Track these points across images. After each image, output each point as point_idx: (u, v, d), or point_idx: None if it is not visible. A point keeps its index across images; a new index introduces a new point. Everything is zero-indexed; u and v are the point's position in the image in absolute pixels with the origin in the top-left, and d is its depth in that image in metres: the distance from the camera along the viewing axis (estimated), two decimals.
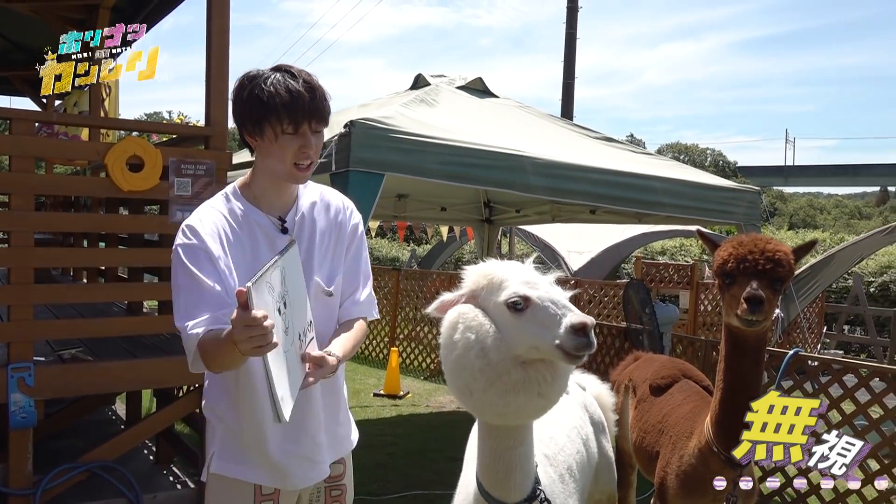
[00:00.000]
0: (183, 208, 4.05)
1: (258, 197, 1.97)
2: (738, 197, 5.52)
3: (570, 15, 18.37)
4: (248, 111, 1.87)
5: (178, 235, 1.89)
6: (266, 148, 1.89)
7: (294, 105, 1.84)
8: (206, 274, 1.81)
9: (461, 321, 1.75)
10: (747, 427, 2.57)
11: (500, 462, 1.83)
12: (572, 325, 1.62)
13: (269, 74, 1.87)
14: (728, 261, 2.47)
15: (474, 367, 1.69)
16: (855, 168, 59.58)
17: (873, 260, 12.86)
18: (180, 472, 4.78)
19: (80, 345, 4.41)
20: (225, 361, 1.75)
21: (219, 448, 2.01)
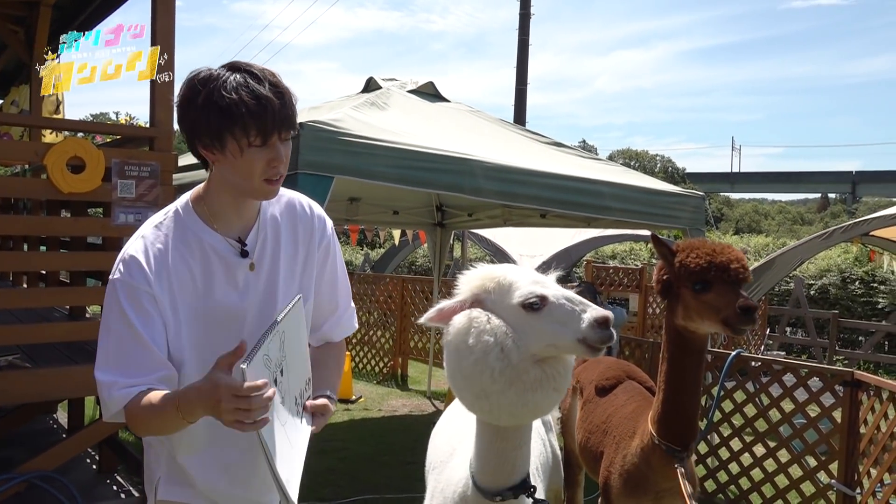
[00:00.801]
0: (126, 210, 3.98)
1: (214, 215, 1.70)
2: (683, 202, 5.64)
3: (523, 21, 18.58)
4: (206, 121, 1.56)
5: (118, 266, 1.63)
6: (228, 163, 1.60)
7: (262, 114, 1.55)
8: (146, 326, 1.59)
9: (475, 325, 1.73)
10: (691, 423, 2.66)
11: (506, 462, 1.83)
12: (595, 319, 1.66)
13: (226, 76, 1.57)
14: (708, 269, 2.49)
15: (494, 370, 1.68)
16: (798, 175, 61.59)
17: (813, 264, 13.29)
18: (124, 481, 4.67)
19: (18, 351, 4.28)
20: (161, 428, 1.58)
21: (165, 473, 1.80)
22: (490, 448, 1.84)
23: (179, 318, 1.65)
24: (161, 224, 1.70)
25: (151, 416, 1.54)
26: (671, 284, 2.64)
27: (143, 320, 1.59)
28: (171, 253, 1.66)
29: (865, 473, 4.22)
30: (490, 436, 1.83)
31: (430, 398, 8.51)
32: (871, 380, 4.29)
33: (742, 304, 2.42)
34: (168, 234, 1.68)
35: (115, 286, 1.62)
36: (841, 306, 12.45)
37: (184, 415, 1.50)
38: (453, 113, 6.02)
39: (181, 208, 1.72)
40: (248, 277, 1.72)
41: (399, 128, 4.71)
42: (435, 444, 2.43)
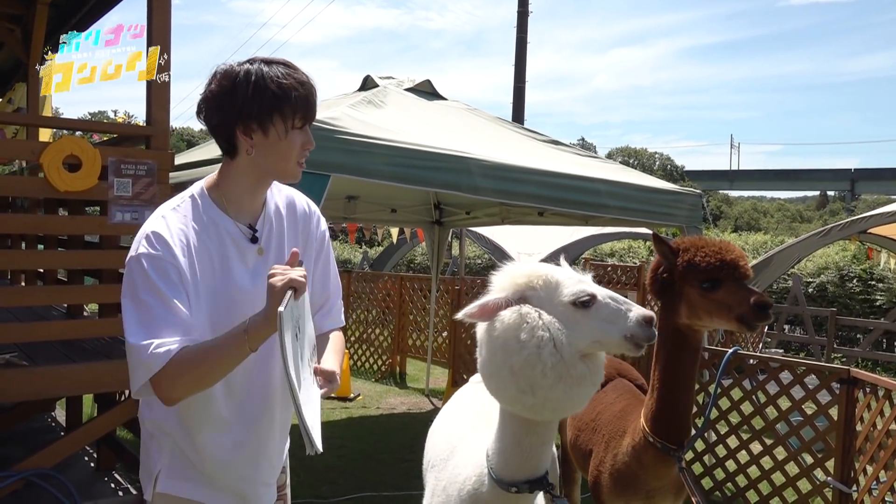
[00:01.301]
0: (123, 209, 3.98)
1: (229, 202, 1.80)
2: (680, 199, 5.65)
3: (521, 19, 18.58)
4: (257, 106, 1.70)
5: (140, 242, 1.68)
6: (269, 145, 1.74)
7: (307, 99, 1.75)
8: (175, 294, 1.65)
9: (527, 321, 1.75)
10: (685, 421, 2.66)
11: (532, 457, 1.85)
12: (643, 317, 1.75)
13: (265, 67, 1.73)
14: (720, 267, 2.50)
15: (546, 364, 1.71)
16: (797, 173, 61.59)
17: (811, 261, 13.31)
18: (122, 479, 4.68)
19: (16, 349, 4.28)
20: (211, 371, 1.64)
21: (167, 465, 1.83)
22: (517, 444, 1.85)
23: (200, 294, 1.72)
24: (179, 206, 1.78)
25: (206, 358, 1.62)
26: (671, 283, 2.63)
27: (172, 290, 1.65)
28: (191, 232, 1.73)
29: (861, 471, 4.23)
30: (520, 431, 1.84)
31: (428, 396, 8.52)
32: (867, 377, 4.30)
33: (758, 300, 2.43)
34: (187, 215, 1.76)
35: (140, 260, 1.66)
36: (839, 304, 12.47)
37: (251, 340, 1.59)
38: (450, 111, 6.03)
39: (197, 194, 1.81)
40: (257, 261, 1.83)
41: (396, 126, 4.71)
42: (433, 442, 2.43)
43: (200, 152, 6.02)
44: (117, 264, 4.50)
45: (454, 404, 2.67)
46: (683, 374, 2.61)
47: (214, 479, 1.86)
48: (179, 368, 1.60)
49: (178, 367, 1.59)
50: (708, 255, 2.52)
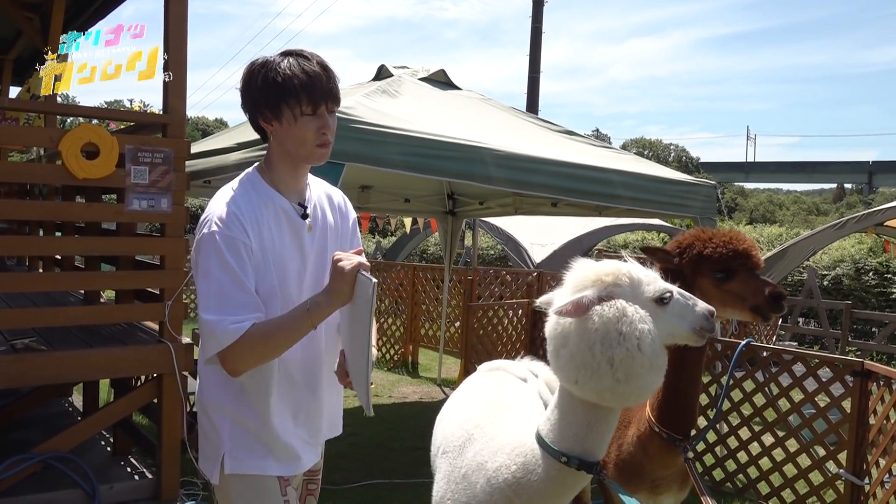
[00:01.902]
0: (140, 196, 4.03)
1: (277, 182, 1.95)
2: (694, 191, 5.62)
3: (536, 9, 18.49)
4: (265, 95, 1.85)
5: (212, 221, 1.82)
6: (285, 131, 1.88)
7: (312, 86, 1.84)
8: (245, 272, 1.80)
9: (626, 314, 1.84)
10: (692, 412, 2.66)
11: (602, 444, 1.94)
12: (708, 311, 1.95)
13: (280, 59, 1.87)
14: (734, 257, 2.50)
15: (646, 354, 1.81)
16: (813, 165, 61.04)
17: (826, 254, 13.20)
18: (138, 463, 4.74)
19: (34, 335, 4.35)
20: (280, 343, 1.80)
21: (230, 447, 1.94)
22: (588, 432, 1.91)
23: (270, 265, 1.88)
24: (240, 187, 1.92)
25: (273, 334, 1.78)
26: (681, 275, 2.62)
27: (242, 268, 1.80)
28: (257, 212, 1.88)
29: (874, 463, 4.21)
30: (594, 420, 1.91)
31: (440, 385, 8.55)
32: (881, 370, 4.28)
33: (773, 291, 2.44)
34: (248, 194, 1.90)
35: (213, 238, 1.80)
36: (854, 297, 12.36)
37: (313, 316, 1.78)
38: (465, 101, 6.02)
39: (250, 177, 1.95)
40: (307, 236, 1.97)
41: (410, 115, 4.72)
42: (443, 429, 2.45)
43: (215, 141, 6.06)
44: (134, 251, 4.55)
45: (464, 392, 2.69)
46: (691, 365, 2.61)
47: (275, 447, 1.95)
48: (248, 344, 1.75)
49: (247, 342, 1.75)
50: (719, 245, 2.52)
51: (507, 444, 2.04)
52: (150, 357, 4.21)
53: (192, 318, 9.81)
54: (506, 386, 2.63)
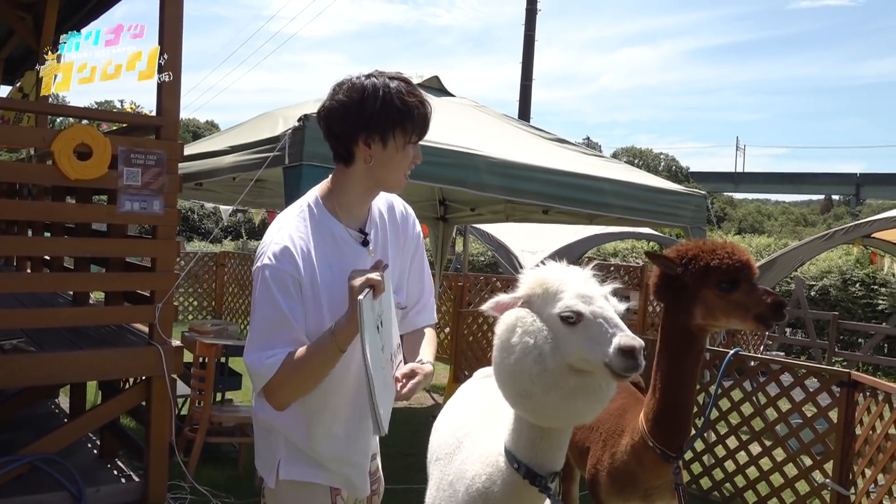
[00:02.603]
0: (132, 198, 4.01)
1: (341, 208, 1.93)
2: (685, 200, 5.66)
3: (529, 17, 18.56)
4: (384, 118, 1.83)
5: (265, 254, 1.84)
6: (386, 157, 1.87)
7: (426, 117, 1.90)
8: (290, 307, 1.80)
9: (519, 325, 1.77)
10: (686, 422, 2.68)
11: (547, 462, 1.86)
12: (620, 346, 1.62)
13: (392, 84, 1.85)
14: (739, 269, 2.54)
15: (532, 372, 1.71)
16: (801, 176, 61.39)
17: (814, 265, 13.30)
18: (125, 466, 4.71)
19: (23, 335, 4.32)
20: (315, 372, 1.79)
21: (285, 455, 1.98)
22: (532, 448, 1.85)
23: (321, 301, 1.86)
24: (298, 216, 1.92)
25: (305, 363, 1.77)
26: (682, 285, 2.64)
27: (288, 302, 1.80)
28: (311, 242, 1.88)
29: (860, 473, 4.25)
30: (533, 435, 1.84)
31: (429, 391, 8.55)
32: (867, 380, 4.32)
33: (774, 300, 2.48)
34: (307, 225, 1.90)
35: (265, 272, 1.82)
36: (841, 308, 12.46)
37: (338, 340, 1.74)
38: (458, 108, 6.04)
39: (312, 204, 1.95)
40: (369, 263, 1.94)
41: None
42: (438, 436, 2.45)
43: (208, 144, 6.06)
44: (125, 252, 4.54)
45: (459, 398, 2.68)
46: (687, 375, 2.63)
47: (328, 465, 2.00)
48: (284, 376, 1.77)
49: (283, 374, 1.77)
50: (724, 257, 2.56)
51: (485, 452, 2.01)
52: (140, 359, 4.19)
53: (182, 321, 9.77)
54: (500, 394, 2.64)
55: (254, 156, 4.40)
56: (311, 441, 1.97)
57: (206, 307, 12.00)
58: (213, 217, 27.56)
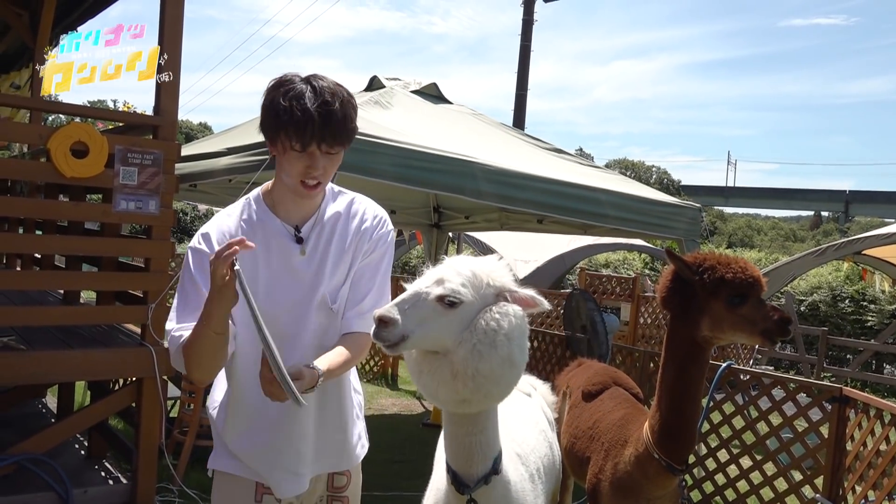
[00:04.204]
0: (127, 198, 3.99)
1: (277, 204, 1.97)
2: (679, 213, 5.68)
3: (526, 28, 18.61)
4: (265, 120, 1.87)
5: (194, 239, 1.93)
6: (279, 159, 1.90)
7: (303, 126, 1.79)
8: (205, 285, 1.78)
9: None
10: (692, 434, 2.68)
11: (460, 447, 1.90)
12: (378, 317, 1.74)
13: (294, 86, 1.83)
14: (752, 284, 2.56)
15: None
16: (792, 192, 61.85)
17: (804, 280, 13.37)
18: (112, 468, 4.67)
19: (13, 333, 4.28)
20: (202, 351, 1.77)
21: (216, 446, 2.05)
22: (444, 429, 1.94)
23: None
24: (232, 210, 2.00)
25: (191, 341, 1.77)
26: (690, 296, 2.64)
27: (204, 280, 1.80)
28: (238, 232, 1.91)
29: (850, 489, 4.25)
30: (444, 418, 1.93)
31: (419, 398, 8.51)
32: (859, 396, 4.33)
33: (781, 316, 2.51)
34: (237, 217, 1.97)
35: (188, 252, 1.91)
36: (830, 324, 12.52)
37: (205, 318, 1.71)
38: (455, 115, 6.05)
39: (253, 198, 2.01)
40: (300, 261, 1.96)
41: (402, 127, 4.73)
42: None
43: (204, 145, 6.03)
44: (119, 252, 4.50)
45: None
46: (692, 387, 2.63)
47: (246, 461, 2.00)
48: (185, 351, 1.80)
49: (184, 352, 1.81)
50: (737, 271, 2.57)
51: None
52: (131, 360, 4.16)
53: None
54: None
55: (250, 158, 4.38)
56: (225, 434, 2.01)
57: None
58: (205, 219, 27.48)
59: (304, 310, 1.95)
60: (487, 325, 1.77)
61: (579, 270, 12.43)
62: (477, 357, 1.74)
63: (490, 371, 1.75)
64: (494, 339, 1.76)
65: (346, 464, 2.14)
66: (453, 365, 1.75)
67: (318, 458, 2.04)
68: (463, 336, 1.76)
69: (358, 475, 2.20)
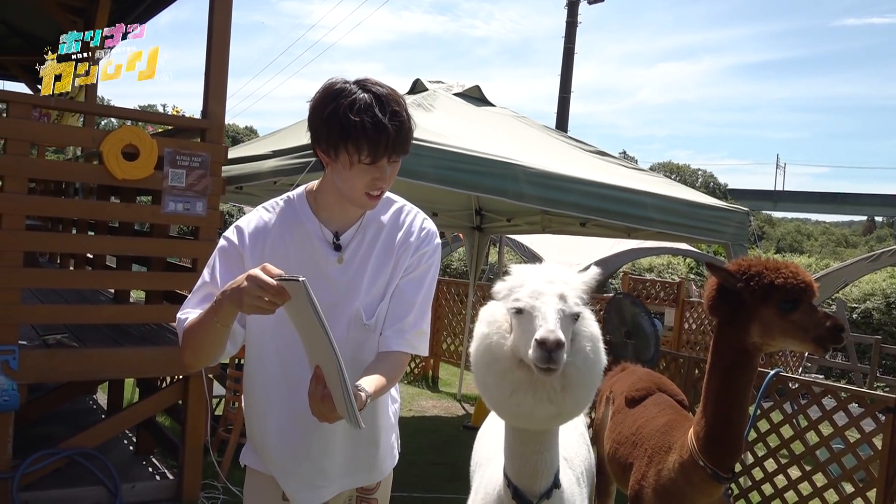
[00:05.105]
0: (176, 199, 4.07)
1: (319, 207, 1.87)
2: (727, 217, 5.57)
3: (570, 29, 18.51)
4: (327, 131, 1.73)
5: (228, 230, 1.89)
6: (338, 171, 1.77)
7: (377, 140, 1.69)
8: (224, 277, 1.76)
9: (485, 317, 1.82)
10: (738, 441, 2.63)
11: (525, 465, 1.84)
12: (536, 338, 1.60)
13: (355, 96, 1.71)
14: (804, 289, 2.52)
15: (482, 361, 1.75)
16: (843, 196, 60.14)
17: (857, 287, 12.98)
18: (159, 464, 4.77)
19: (66, 331, 4.40)
20: (202, 339, 1.69)
21: (248, 440, 2.04)
22: (508, 447, 1.86)
23: None
24: (274, 205, 1.92)
25: (194, 328, 1.71)
26: (739, 302, 2.60)
27: (229, 268, 1.79)
28: (273, 229, 1.86)
29: None
30: (511, 436, 1.84)
31: (460, 401, 8.51)
32: None
33: (834, 322, 2.46)
34: (274, 213, 1.89)
35: (219, 244, 1.88)
36: (884, 332, 12.13)
37: (216, 313, 1.62)
38: (498, 117, 6.03)
39: (296, 195, 1.93)
40: (336, 269, 1.86)
41: (444, 130, 4.73)
42: (480, 445, 2.49)
43: (250, 148, 6.13)
44: (167, 253, 4.61)
45: None
46: (739, 394, 2.58)
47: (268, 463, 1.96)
48: (185, 334, 1.75)
49: (186, 333, 1.75)
50: (789, 276, 2.52)
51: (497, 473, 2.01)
52: (178, 359, 4.23)
53: None
54: None
55: (295, 160, 4.43)
56: (252, 436, 1.99)
57: None
58: None
59: (332, 322, 1.69)
60: (592, 333, 1.75)
61: (622, 275, 12.27)
62: (590, 367, 1.71)
63: (596, 380, 1.73)
64: (598, 347, 1.74)
65: (376, 476, 2.06)
66: (565, 378, 1.67)
67: (345, 473, 1.97)
68: (574, 347, 1.70)
69: (389, 477, 2.14)
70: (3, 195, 3.81)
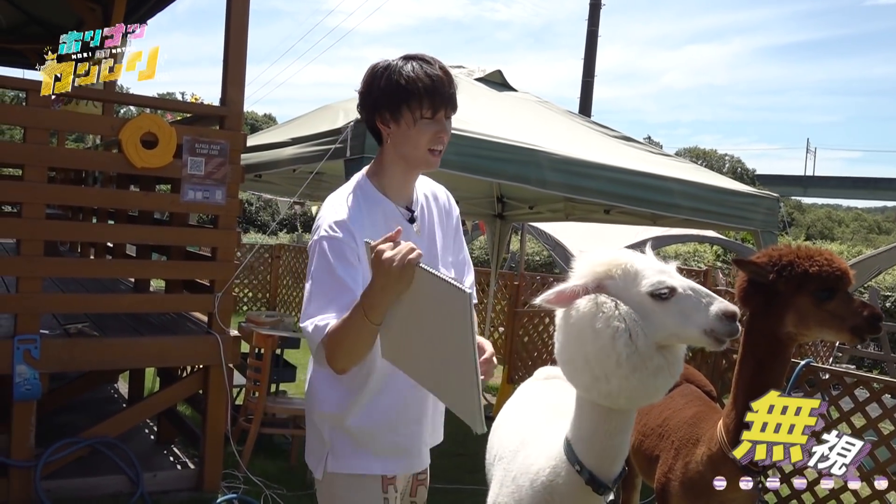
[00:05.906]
0: (195, 187, 4.05)
1: (387, 186, 1.98)
2: (756, 203, 5.43)
3: (593, 12, 18.26)
4: (387, 97, 1.87)
5: (322, 227, 1.88)
6: (401, 135, 1.90)
7: (434, 90, 1.87)
8: (346, 272, 1.81)
9: (603, 310, 1.77)
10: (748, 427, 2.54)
11: (608, 447, 1.87)
12: (724, 312, 1.72)
13: (403, 63, 1.90)
14: (840, 277, 2.46)
15: (621, 355, 1.73)
16: (876, 181, 58.91)
17: (890, 275, 12.71)
18: (180, 453, 4.77)
19: (87, 320, 4.41)
20: (354, 342, 1.74)
21: (333, 447, 1.98)
22: (594, 431, 1.86)
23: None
24: (350, 193, 1.96)
25: (343, 331, 1.72)
26: (773, 291, 2.52)
27: (344, 268, 1.82)
28: (365, 217, 1.91)
29: None
30: (597, 418, 1.85)
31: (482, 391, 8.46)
32: None
33: (872, 311, 2.40)
34: (358, 202, 1.94)
35: (322, 243, 1.85)
36: None
37: (367, 312, 1.66)
38: (520, 102, 5.93)
39: (360, 182, 1.99)
40: (417, 240, 1.92)
41: (466, 116, 4.63)
42: (499, 436, 2.42)
43: (269, 136, 6.09)
44: (187, 241, 4.59)
45: (520, 398, 2.64)
46: (771, 386, 2.49)
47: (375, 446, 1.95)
48: (330, 344, 1.76)
49: (329, 344, 1.76)
50: (824, 264, 2.45)
51: (550, 447, 2.01)
52: (198, 348, 4.23)
53: (237, 311, 9.90)
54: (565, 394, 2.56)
55: (315, 148, 4.38)
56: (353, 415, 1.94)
57: (260, 299, 12.18)
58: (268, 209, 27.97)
59: None
60: None
61: None
62: None
63: None
64: None
65: (439, 436, 2.17)
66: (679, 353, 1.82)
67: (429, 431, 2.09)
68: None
69: None
70: (24, 184, 3.81)
